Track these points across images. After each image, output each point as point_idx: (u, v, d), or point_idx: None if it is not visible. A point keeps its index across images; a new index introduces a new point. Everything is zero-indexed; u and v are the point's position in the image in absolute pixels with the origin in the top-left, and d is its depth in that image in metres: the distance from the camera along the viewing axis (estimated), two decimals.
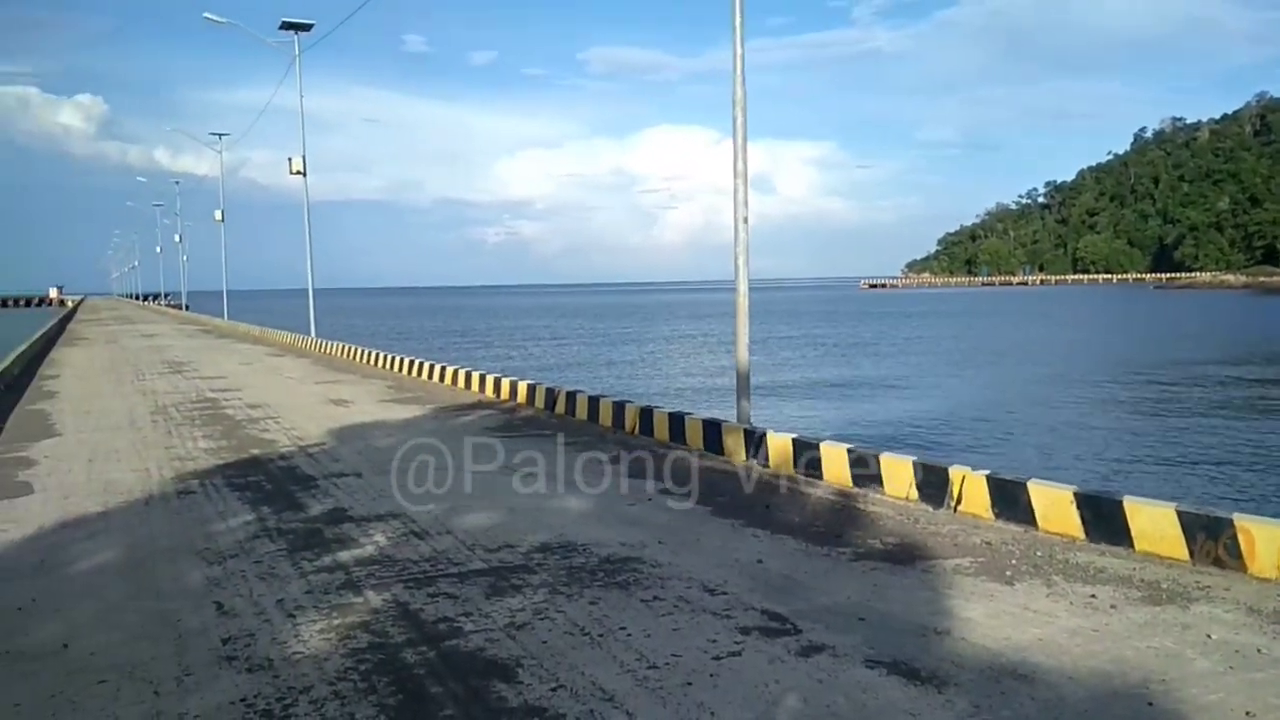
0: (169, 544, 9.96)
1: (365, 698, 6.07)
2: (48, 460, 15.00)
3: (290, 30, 40.04)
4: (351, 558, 9.26)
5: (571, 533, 10.01)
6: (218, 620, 7.61)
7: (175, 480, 13.28)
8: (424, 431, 17.28)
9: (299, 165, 40.99)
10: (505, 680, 6.29)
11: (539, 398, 20.27)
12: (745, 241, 14.45)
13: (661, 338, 70.39)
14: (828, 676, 6.31)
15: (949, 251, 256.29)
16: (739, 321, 14.52)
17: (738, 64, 14.24)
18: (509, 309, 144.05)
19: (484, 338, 74.97)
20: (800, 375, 41.07)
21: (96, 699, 6.18)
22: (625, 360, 51.64)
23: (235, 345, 45.18)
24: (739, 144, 14.39)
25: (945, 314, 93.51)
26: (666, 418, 15.65)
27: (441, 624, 7.38)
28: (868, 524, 10.26)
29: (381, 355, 32.17)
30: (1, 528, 10.75)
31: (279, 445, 16.02)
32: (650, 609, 7.65)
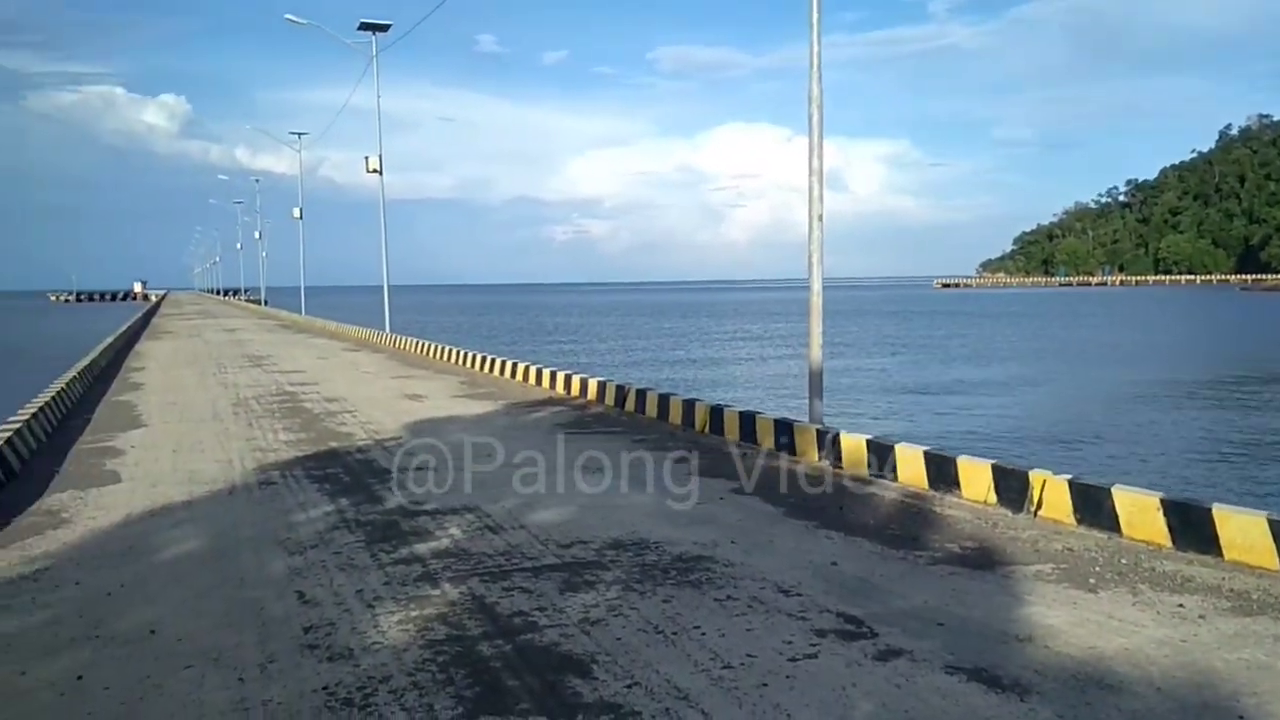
0: (252, 533, 10.21)
1: (443, 689, 6.15)
2: (135, 450, 15.47)
3: (368, 31, 40.76)
4: (428, 550, 9.39)
5: (643, 530, 10.02)
6: (299, 609, 7.77)
7: (256, 471, 13.61)
8: (497, 427, 17.45)
9: (375, 164, 41.73)
10: (580, 676, 6.32)
11: (609, 395, 20.34)
12: (819, 239, 14.32)
13: (729, 336, 70.14)
14: (906, 682, 6.22)
15: (1025, 251, 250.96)
16: (812, 320, 14.39)
17: (814, 60, 14.11)
18: (577, 306, 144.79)
19: (553, 335, 75.47)
20: (869, 375, 40.59)
21: (183, 684, 6.35)
22: (693, 358, 51.56)
23: (312, 340, 46.13)
24: (814, 141, 14.26)
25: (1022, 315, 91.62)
26: (737, 416, 15.59)
27: (517, 618, 7.44)
28: (944, 527, 10.10)
29: (454, 351, 32.57)
30: (91, 515, 11.12)
31: (356, 438, 16.31)
32: (724, 608, 7.62)
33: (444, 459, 14.15)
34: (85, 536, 10.15)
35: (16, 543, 9.97)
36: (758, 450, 14.57)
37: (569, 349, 58.62)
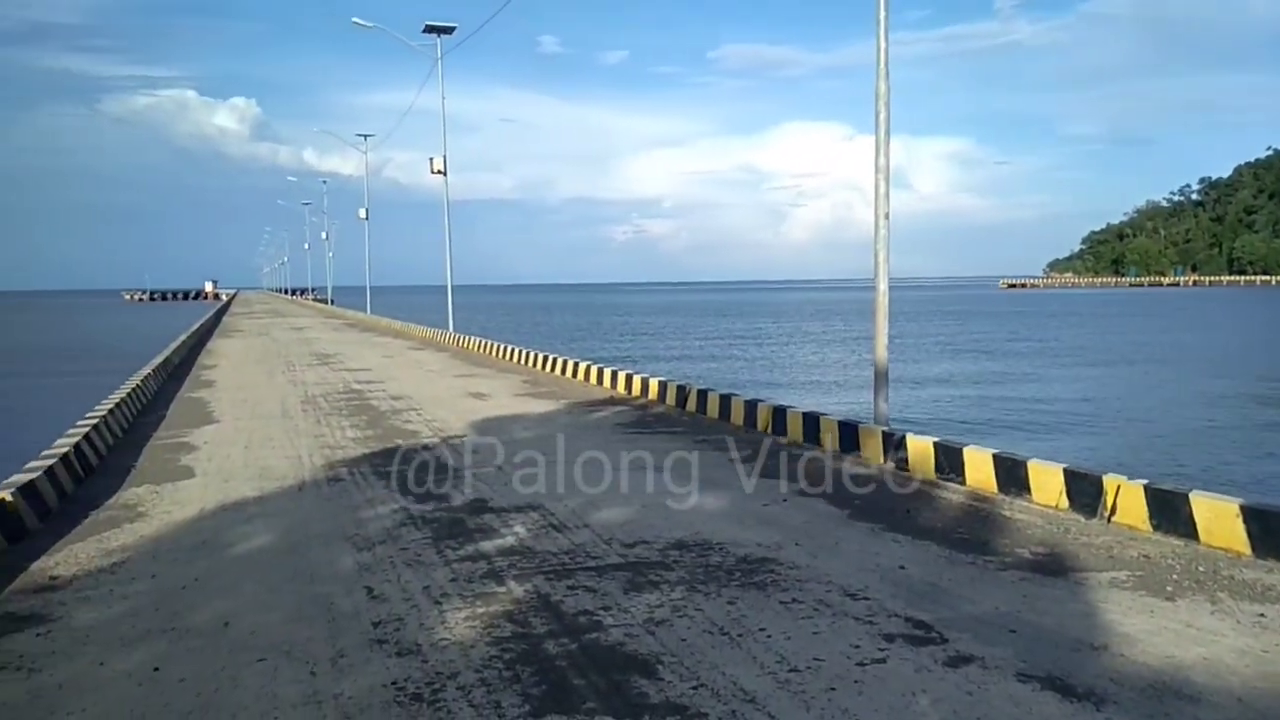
0: (321, 529, 10.37)
1: (510, 686, 6.19)
2: (207, 446, 15.83)
3: (433, 33, 41.23)
4: (494, 548, 9.46)
5: (706, 531, 9.99)
6: (368, 604, 7.88)
7: (325, 468, 13.84)
8: (559, 426, 17.53)
9: (440, 165, 42.22)
10: (646, 676, 6.31)
11: (670, 395, 20.32)
12: (886, 238, 14.16)
13: (790, 336, 69.70)
14: (977, 689, 6.11)
15: (1094, 251, 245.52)
16: (878, 320, 14.23)
17: (881, 57, 13.95)
18: (637, 306, 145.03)
19: (612, 334, 75.67)
20: (932, 376, 40.05)
21: (257, 676, 6.47)
22: (752, 358, 51.33)
23: (378, 339, 46.80)
24: (881, 139, 14.10)
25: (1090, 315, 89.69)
26: (800, 417, 15.47)
27: (582, 617, 7.46)
28: (1014, 532, 9.91)
29: (516, 350, 32.81)
30: (166, 509, 11.39)
31: (421, 436, 16.51)
32: (789, 611, 7.56)
33: (508, 457, 14.25)
34: (161, 530, 10.40)
35: (95, 535, 10.25)
36: (821, 452, 14.44)
37: (628, 349, 58.74)
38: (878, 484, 12.27)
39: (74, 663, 6.77)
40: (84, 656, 6.88)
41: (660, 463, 13.72)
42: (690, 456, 14.27)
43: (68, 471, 12.49)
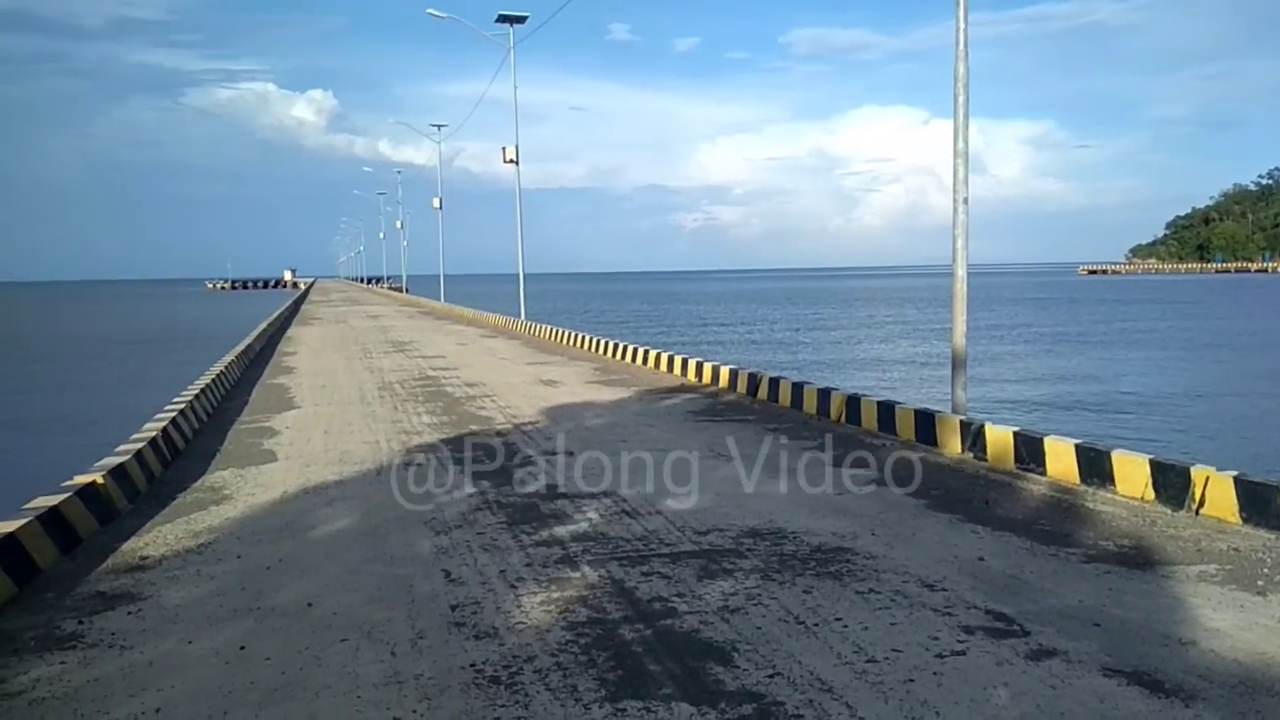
0: (399, 513, 10.55)
1: (586, 671, 6.22)
2: (289, 431, 16.20)
3: (506, 23, 41.48)
4: (567, 533, 9.52)
5: (780, 519, 9.93)
6: (446, 587, 7.99)
7: (402, 453, 14.06)
8: (630, 413, 17.58)
9: (511, 154, 42.52)
10: (721, 663, 6.30)
11: (741, 383, 20.23)
12: (964, 224, 13.89)
13: (862, 323, 68.91)
14: (1061, 683, 5.98)
15: (1178, 236, 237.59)
16: (956, 307, 13.98)
17: (960, 39, 13.67)
18: (707, 294, 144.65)
19: (683, 322, 75.59)
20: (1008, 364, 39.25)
21: (339, 656, 6.61)
22: (824, 346, 50.87)
23: (451, 326, 47.39)
24: (959, 123, 13.83)
25: (1174, 301, 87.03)
26: (875, 406, 15.27)
27: (656, 603, 7.47)
28: (1098, 524, 9.67)
29: (587, 338, 32.95)
30: (250, 492, 11.68)
31: (495, 422, 16.68)
32: (866, 601, 7.48)
33: (580, 443, 14.32)
34: (245, 512, 10.68)
35: (183, 517, 10.55)
36: (896, 441, 14.25)
37: (697, 337, 58.64)
38: (955, 474, 12.06)
39: (164, 641, 6.98)
40: (173, 635, 7.09)
41: (732, 450, 13.67)
42: (762, 444, 14.19)
43: (156, 455, 12.88)
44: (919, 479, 11.78)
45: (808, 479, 11.87)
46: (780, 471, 12.30)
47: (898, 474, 12.08)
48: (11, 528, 8.47)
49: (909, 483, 11.58)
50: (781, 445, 14.15)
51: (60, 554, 9.05)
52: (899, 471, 12.22)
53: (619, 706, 5.72)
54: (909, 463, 12.76)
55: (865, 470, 12.32)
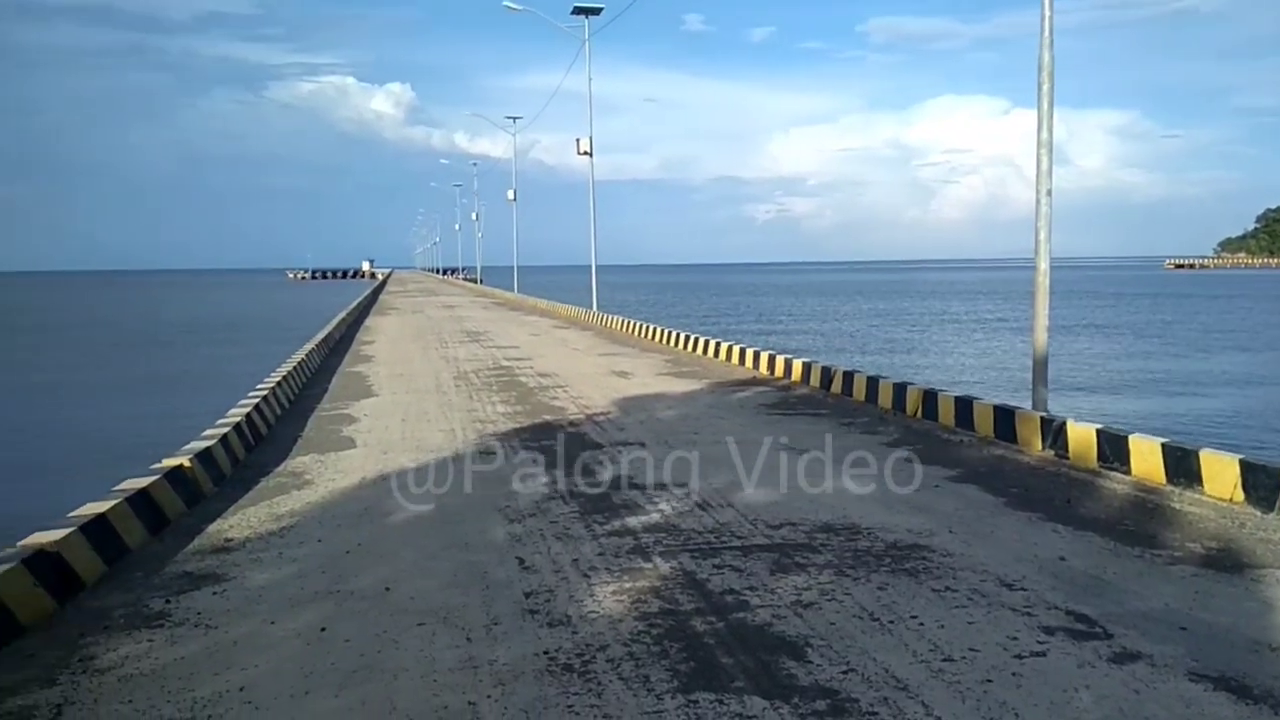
0: (474, 500, 10.68)
1: (658, 662, 6.23)
2: (367, 418, 16.50)
3: (581, 15, 41.62)
4: (639, 524, 9.54)
5: (854, 515, 9.82)
6: (520, 575, 8.07)
7: (477, 441, 14.23)
8: (702, 405, 17.55)
9: (586, 146, 42.70)
10: (795, 658, 6.26)
11: (814, 376, 20.05)
12: (1047, 216, 13.56)
13: (938, 317, 67.79)
14: (1145, 687, 5.82)
15: (1270, 229, 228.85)
16: (1038, 302, 13.66)
17: (1045, 26, 13.34)
18: (779, 286, 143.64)
19: (754, 314, 75.20)
20: (1087, 360, 38.27)
21: (416, 640, 6.72)
22: (897, 340, 50.17)
23: (524, 317, 47.82)
24: (1044, 112, 13.50)
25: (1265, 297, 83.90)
26: (953, 401, 15.01)
27: (728, 596, 7.45)
28: (1184, 525, 9.38)
29: (658, 330, 32.96)
30: (330, 478, 11.93)
31: (568, 413, 16.78)
32: (942, 599, 7.37)
33: (652, 435, 14.34)
34: (325, 497, 10.91)
35: (265, 501, 10.82)
36: (974, 437, 13.99)
37: (769, 329, 58.28)
38: (1035, 472, 11.81)
39: (247, 621, 7.17)
40: (256, 615, 7.28)
41: (805, 444, 13.56)
42: (836, 438, 14.05)
43: (240, 439, 13.22)
44: (997, 476, 11.56)
45: (883, 474, 11.72)
46: (854, 466, 12.16)
47: (976, 471, 11.86)
48: (102, 508, 8.78)
49: (987, 480, 11.37)
50: (856, 440, 14.00)
51: (148, 534, 9.34)
52: (977, 468, 12.01)
53: (691, 698, 5.72)
54: (987, 460, 12.54)
55: (942, 467, 12.12)
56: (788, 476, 11.58)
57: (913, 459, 12.61)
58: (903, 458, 12.70)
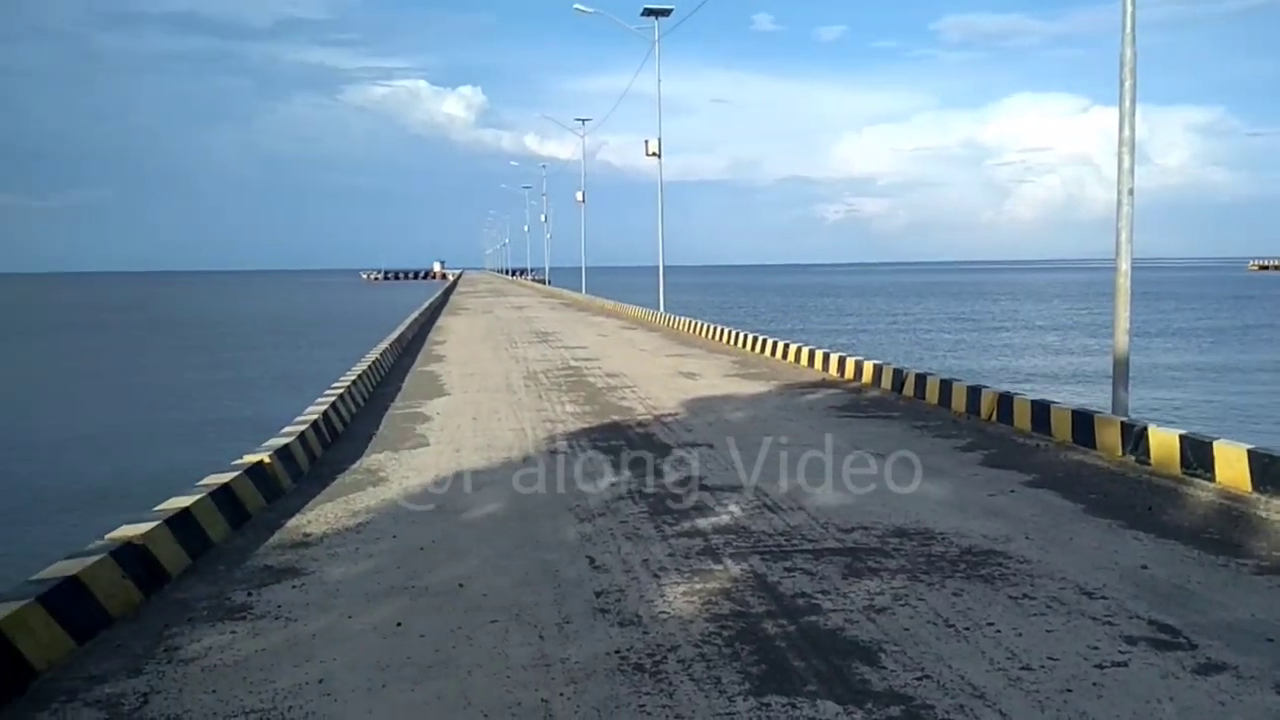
0: (545, 499, 10.78)
1: (730, 663, 6.22)
2: (439, 417, 16.73)
3: (651, 16, 41.68)
4: (709, 525, 9.53)
5: (928, 520, 9.69)
6: (591, 574, 8.12)
7: (547, 440, 14.35)
8: (770, 407, 17.46)
9: (654, 147, 42.74)
10: (868, 663, 6.20)
11: (886, 378, 19.82)
12: (1129, 216, 13.24)
13: (1012, 319, 66.51)
14: (1230, 699, 5.66)
15: None
16: (1119, 303, 13.35)
17: (1127, 21, 13.03)
18: (848, 287, 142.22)
19: (824, 316, 74.58)
20: (1167, 363, 37.22)
21: (489, 637, 6.80)
22: (971, 343, 49.36)
23: (592, 318, 48.03)
24: (1125, 109, 13.18)
25: None
26: (1029, 405, 14.72)
27: (800, 599, 7.41)
28: (1272, 534, 9.08)
29: (726, 331, 32.86)
30: (405, 475, 12.12)
31: (636, 413, 16.83)
32: (1020, 607, 7.23)
33: (720, 436, 14.31)
34: (400, 494, 11.08)
35: (342, 497, 11.04)
36: (1051, 442, 13.70)
37: (839, 330, 57.76)
38: (1115, 478, 11.53)
39: (326, 614, 7.32)
40: (334, 609, 7.43)
41: (876, 447, 13.42)
42: (908, 442, 13.88)
43: (317, 436, 13.51)
44: (1076, 482, 11.31)
45: (956, 479, 11.55)
46: (927, 470, 12.00)
47: (1053, 476, 11.63)
48: (187, 503, 9.04)
49: (1065, 486, 11.14)
50: (929, 443, 13.81)
51: (230, 529, 9.59)
52: (1054, 473, 11.76)
53: (763, 701, 5.70)
54: (1065, 465, 12.28)
55: (1018, 471, 11.90)
56: (859, 480, 11.46)
57: (988, 463, 12.41)
58: (977, 462, 12.50)
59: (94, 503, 16.41)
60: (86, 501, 16.78)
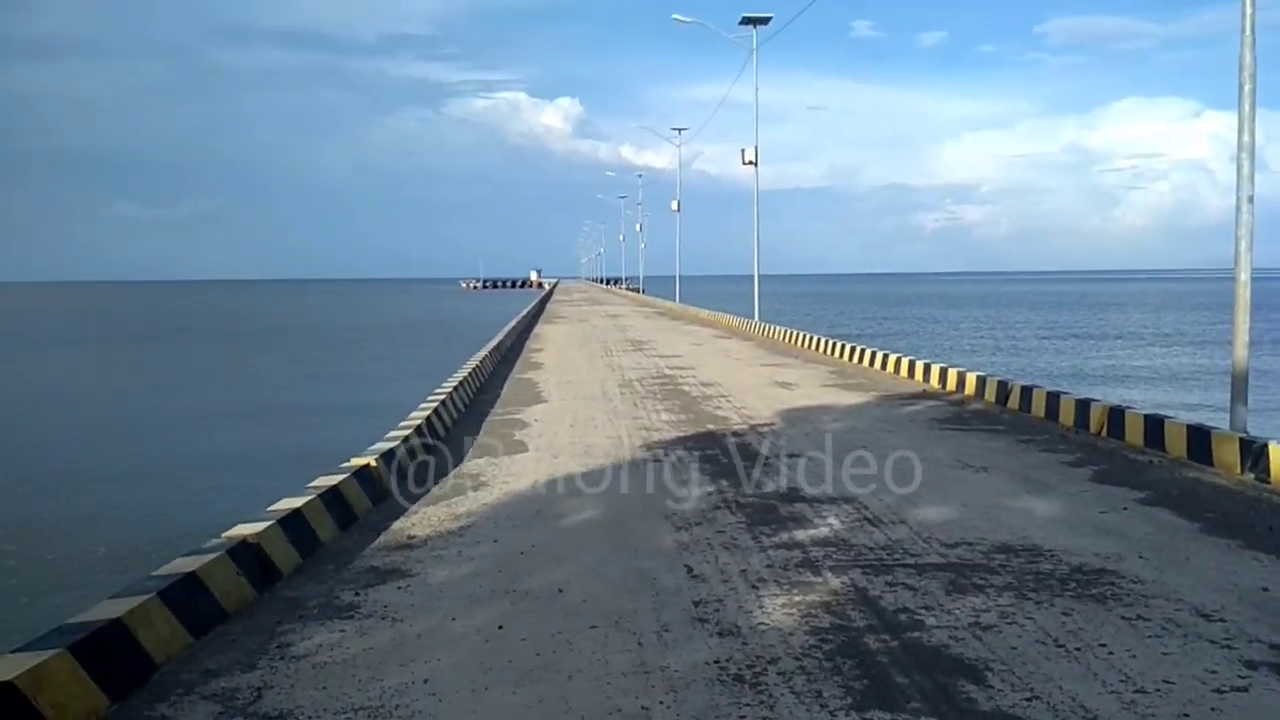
0: (642, 507, 10.82)
1: (831, 677, 6.16)
2: (538, 423, 16.95)
3: (749, 25, 41.62)
4: (808, 537, 9.45)
5: (1035, 536, 9.43)
6: (688, 583, 8.13)
7: (643, 448, 14.41)
8: (869, 418, 17.23)
9: (751, 155, 42.67)
10: (974, 682, 6.07)
11: (989, 390, 19.37)
12: (1248, 224, 12.74)
13: (1121, 331, 64.36)
14: None
15: None
16: (1238, 315, 12.83)
17: (1247, 24, 12.56)
18: (948, 297, 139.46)
19: (922, 326, 73.26)
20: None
21: (589, 642, 6.85)
22: (1078, 354, 47.91)
23: (686, 327, 48.07)
24: (1245, 114, 12.70)
25: None
26: (1141, 420, 14.22)
27: (902, 614, 7.29)
28: None
29: (822, 340, 32.54)
30: (505, 480, 12.31)
31: (731, 422, 16.78)
32: (1133, 628, 6.99)
33: (818, 447, 14.17)
34: (500, 499, 11.26)
35: (445, 500, 11.26)
36: (1165, 458, 13.21)
37: (940, 341, 56.66)
38: (1233, 496, 11.06)
39: (430, 616, 7.47)
40: (438, 611, 7.58)
41: (980, 461, 13.13)
42: (1014, 456, 13.55)
43: (420, 441, 13.80)
44: (1191, 500, 10.88)
45: (1065, 495, 11.22)
46: (1034, 485, 11.70)
47: (1167, 494, 11.21)
48: (298, 504, 9.34)
49: (1180, 504, 10.73)
50: (1035, 458, 13.45)
51: (338, 530, 9.87)
52: (1168, 491, 11.34)
53: (866, 716, 5.63)
54: (1180, 482, 11.83)
55: (1130, 488, 11.50)
56: (962, 494, 11.23)
57: (1097, 479, 12.03)
58: (1087, 478, 12.13)
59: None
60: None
